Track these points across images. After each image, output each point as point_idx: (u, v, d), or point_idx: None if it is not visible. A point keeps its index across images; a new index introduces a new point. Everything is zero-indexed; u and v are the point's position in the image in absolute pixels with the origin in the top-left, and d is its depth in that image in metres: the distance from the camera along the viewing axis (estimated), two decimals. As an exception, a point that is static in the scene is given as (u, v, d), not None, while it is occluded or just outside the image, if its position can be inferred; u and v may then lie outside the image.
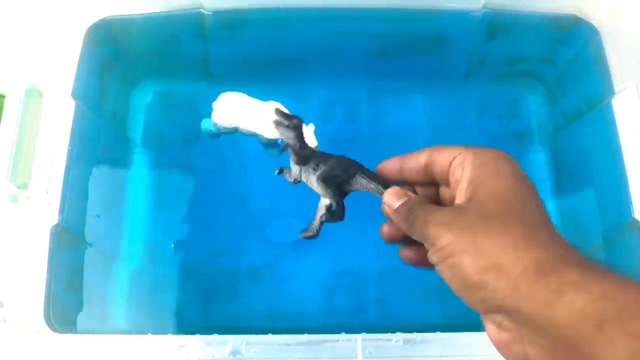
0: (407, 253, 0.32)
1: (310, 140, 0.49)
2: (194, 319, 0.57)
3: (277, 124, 0.34)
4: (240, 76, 0.64)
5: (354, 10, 0.56)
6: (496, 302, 0.23)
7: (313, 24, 0.58)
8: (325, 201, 0.35)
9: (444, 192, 0.31)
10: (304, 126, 0.35)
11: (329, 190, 0.34)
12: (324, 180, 0.34)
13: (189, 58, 0.62)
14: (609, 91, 0.52)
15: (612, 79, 0.52)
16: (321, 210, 0.35)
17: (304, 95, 0.65)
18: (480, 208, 0.25)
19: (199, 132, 0.58)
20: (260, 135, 0.52)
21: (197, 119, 0.57)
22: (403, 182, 0.32)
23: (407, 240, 0.31)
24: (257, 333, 0.41)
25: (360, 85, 0.65)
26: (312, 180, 0.35)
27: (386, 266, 0.58)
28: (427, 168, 0.30)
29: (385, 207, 0.31)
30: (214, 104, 0.53)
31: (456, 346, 0.40)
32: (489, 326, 0.25)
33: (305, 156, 0.35)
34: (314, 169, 0.35)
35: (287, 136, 0.34)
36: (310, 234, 0.36)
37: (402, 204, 0.29)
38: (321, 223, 0.36)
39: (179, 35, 0.59)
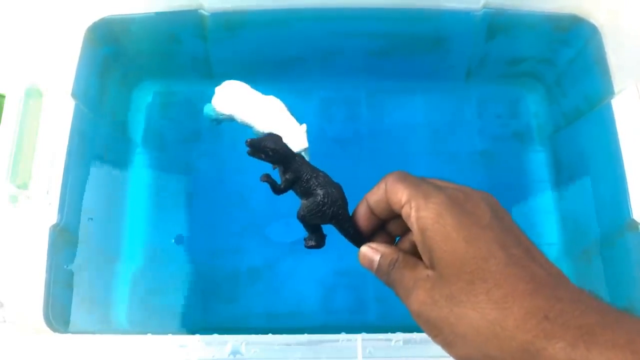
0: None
1: (301, 141, 0.49)
2: (194, 319, 0.57)
3: (252, 154, 0.35)
4: (240, 76, 0.63)
5: (354, 10, 0.56)
6: None
7: (313, 24, 0.58)
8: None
9: None
10: (295, 127, 0.34)
11: (306, 226, 0.34)
12: (302, 219, 0.34)
13: (189, 58, 0.62)
14: (609, 91, 0.52)
15: (612, 79, 0.52)
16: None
17: (303, 95, 0.65)
18: (446, 291, 0.24)
19: (200, 132, 0.58)
20: (255, 128, 0.52)
21: (198, 119, 0.57)
22: (375, 229, 0.32)
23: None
24: (257, 333, 0.41)
25: (360, 85, 0.65)
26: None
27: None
28: (389, 207, 0.29)
29: (363, 263, 0.31)
30: (217, 89, 0.54)
31: (456, 346, 0.40)
32: None
33: (286, 187, 0.35)
34: (300, 194, 0.34)
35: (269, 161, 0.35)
36: (312, 243, 0.36)
37: (378, 268, 0.30)
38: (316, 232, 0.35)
39: (179, 35, 0.59)
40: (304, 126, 0.50)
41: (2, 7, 0.50)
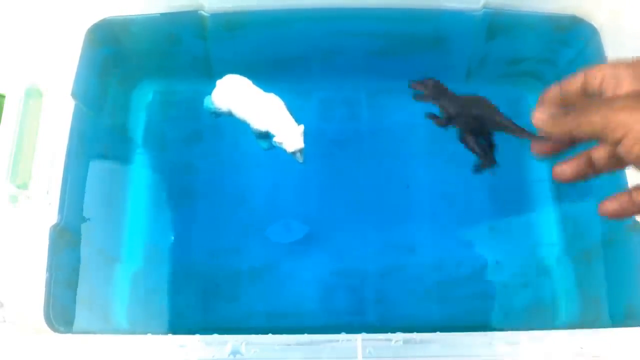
0: (565, 167, 0.32)
1: (297, 141, 0.49)
2: (194, 319, 0.57)
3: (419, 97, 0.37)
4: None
5: (354, 10, 0.56)
6: None
7: (313, 24, 0.58)
8: None
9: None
10: (292, 127, 0.35)
11: (477, 145, 0.37)
12: (461, 135, 0.37)
13: (189, 58, 0.62)
14: (609, 91, 0.52)
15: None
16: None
17: (303, 95, 0.65)
18: None
19: (200, 132, 0.58)
20: (252, 125, 0.52)
21: (198, 119, 0.57)
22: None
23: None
24: (257, 333, 0.40)
25: (360, 85, 0.65)
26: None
27: (386, 266, 0.59)
28: (584, 90, 0.29)
29: (539, 121, 0.30)
30: (218, 82, 0.54)
31: (456, 346, 0.40)
32: None
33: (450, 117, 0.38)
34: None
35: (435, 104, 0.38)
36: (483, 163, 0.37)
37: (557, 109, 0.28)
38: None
39: (179, 36, 0.59)
40: (302, 127, 0.50)
41: (3, 7, 0.50)
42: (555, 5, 0.55)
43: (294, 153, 0.50)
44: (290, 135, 0.49)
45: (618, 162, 0.30)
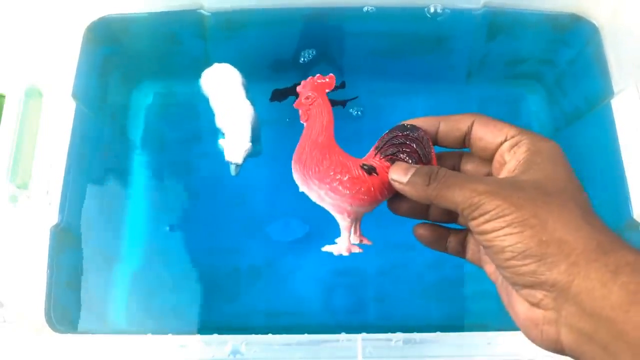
0: (423, 231, 0.32)
1: (236, 156, 0.51)
2: (194, 319, 0.57)
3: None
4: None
5: (354, 10, 0.56)
6: (548, 276, 0.23)
7: (313, 24, 0.58)
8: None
9: (466, 164, 0.32)
10: (242, 140, 0.34)
11: None
12: None
13: (189, 58, 0.62)
14: (609, 91, 0.52)
15: (612, 79, 0.52)
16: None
17: (304, 95, 0.65)
18: (537, 185, 0.25)
19: (200, 133, 0.58)
20: (216, 119, 0.54)
21: (198, 120, 0.57)
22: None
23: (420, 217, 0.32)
24: (257, 332, 0.41)
25: (361, 85, 0.65)
26: None
27: (385, 266, 0.58)
28: (466, 137, 0.30)
29: (395, 183, 0.30)
30: (206, 70, 0.55)
31: (456, 346, 0.40)
32: (521, 303, 0.25)
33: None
34: None
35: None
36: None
37: (415, 174, 0.29)
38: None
39: (179, 35, 0.59)
40: (249, 145, 0.52)
41: (2, 7, 0.50)
42: (556, 3, 0.55)
43: (230, 163, 0.52)
44: (234, 146, 0.51)
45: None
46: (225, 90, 0.54)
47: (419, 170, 0.29)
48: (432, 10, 0.56)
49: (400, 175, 0.29)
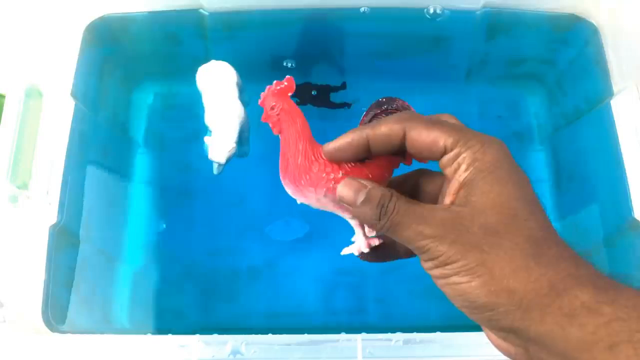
0: (369, 258, 0.31)
1: (219, 155, 0.52)
2: (194, 319, 0.57)
3: None
4: (240, 76, 0.64)
5: (354, 10, 0.56)
6: (504, 323, 0.23)
7: (313, 24, 0.58)
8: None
9: (428, 184, 0.29)
10: (228, 140, 0.33)
11: None
12: None
13: (189, 58, 0.62)
14: (609, 92, 0.52)
15: (612, 79, 0.52)
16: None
17: (304, 95, 0.65)
18: (483, 222, 0.24)
19: (200, 132, 0.58)
20: (205, 115, 0.54)
21: (198, 120, 0.57)
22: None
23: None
24: (257, 333, 0.41)
25: (360, 85, 0.65)
26: None
27: (386, 265, 0.58)
28: (401, 144, 0.27)
29: (343, 204, 0.27)
30: (202, 66, 0.55)
31: (456, 346, 0.40)
32: (492, 336, 0.24)
33: None
34: None
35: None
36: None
37: (364, 202, 0.26)
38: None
39: (179, 35, 0.59)
40: (234, 147, 0.52)
41: (2, 7, 0.50)
42: (555, 3, 0.55)
43: (212, 161, 0.52)
44: (219, 145, 0.51)
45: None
46: (217, 88, 0.54)
47: (370, 196, 0.26)
48: (431, 10, 0.56)
49: (350, 195, 0.27)
